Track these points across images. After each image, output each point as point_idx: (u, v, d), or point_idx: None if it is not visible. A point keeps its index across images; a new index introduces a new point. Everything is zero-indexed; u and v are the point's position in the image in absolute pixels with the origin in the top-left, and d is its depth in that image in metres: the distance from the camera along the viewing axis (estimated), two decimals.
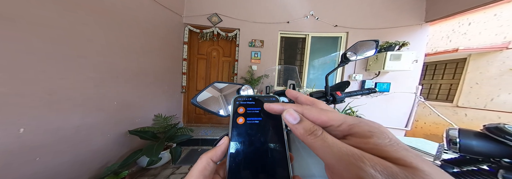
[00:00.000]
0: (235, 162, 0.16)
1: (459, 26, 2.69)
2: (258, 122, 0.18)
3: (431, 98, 3.00)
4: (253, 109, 0.18)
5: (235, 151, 0.16)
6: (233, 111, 0.18)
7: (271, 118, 0.18)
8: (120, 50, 1.41)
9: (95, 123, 1.26)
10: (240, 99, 0.19)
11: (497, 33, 2.27)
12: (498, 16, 2.27)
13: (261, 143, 0.17)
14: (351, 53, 0.54)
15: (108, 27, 1.31)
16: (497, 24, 2.27)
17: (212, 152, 0.16)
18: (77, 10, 1.10)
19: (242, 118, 0.18)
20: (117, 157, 1.46)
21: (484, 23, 2.41)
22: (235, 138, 0.17)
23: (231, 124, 0.17)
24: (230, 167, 0.15)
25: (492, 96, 2.23)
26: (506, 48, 2.17)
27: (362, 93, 0.61)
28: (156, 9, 1.81)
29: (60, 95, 1.04)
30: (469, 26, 2.58)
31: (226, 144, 0.16)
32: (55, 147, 1.04)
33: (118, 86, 1.42)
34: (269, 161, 0.16)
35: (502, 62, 2.20)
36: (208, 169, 0.15)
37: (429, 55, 2.67)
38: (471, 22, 2.55)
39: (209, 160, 0.15)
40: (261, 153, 0.16)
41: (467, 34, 2.60)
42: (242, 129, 0.17)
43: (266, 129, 0.17)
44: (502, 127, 0.34)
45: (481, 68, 2.40)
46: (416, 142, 1.48)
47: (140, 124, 1.68)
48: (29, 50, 0.90)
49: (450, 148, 0.37)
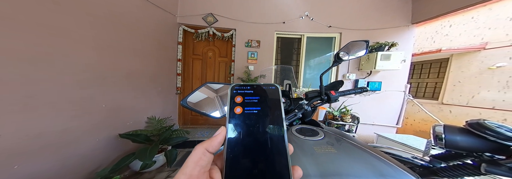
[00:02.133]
0: (233, 153, 0.15)
1: (441, 27, 2.88)
2: (257, 112, 0.17)
3: (419, 96, 3.16)
4: (251, 98, 0.18)
5: (233, 141, 0.16)
6: (230, 101, 0.17)
7: (270, 107, 0.17)
8: (109, 51, 1.36)
9: (82, 127, 1.20)
10: (238, 87, 0.18)
11: (475, 35, 2.45)
12: (475, 18, 2.45)
13: (260, 133, 0.16)
14: (343, 53, 0.56)
15: (96, 26, 1.25)
16: (475, 26, 2.45)
17: (208, 143, 0.15)
18: (62, 6, 1.04)
19: (240, 108, 0.17)
20: (108, 161, 1.40)
21: (463, 25, 2.59)
22: (232, 128, 0.16)
23: (228, 114, 0.17)
24: (227, 157, 0.15)
25: (473, 94, 2.39)
26: (484, 49, 2.34)
27: (355, 92, 0.62)
28: (149, 9, 1.76)
29: (41, 99, 0.98)
30: (450, 28, 2.76)
31: (223, 134, 0.16)
32: (38, 153, 0.97)
33: (106, 88, 1.36)
34: (268, 151, 0.15)
35: (481, 62, 2.37)
36: (204, 159, 0.14)
37: (415, 55, 2.82)
38: (452, 24, 2.73)
39: (204, 150, 0.15)
40: (260, 143, 0.16)
41: (448, 35, 2.78)
42: (240, 119, 0.17)
43: (265, 119, 0.17)
44: (482, 122, 0.35)
45: (462, 67, 2.58)
46: (406, 139, 1.55)
47: (132, 127, 1.61)
48: (6, 50, 0.83)
49: (437, 144, 0.39)
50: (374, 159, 0.36)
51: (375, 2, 2.36)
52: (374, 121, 2.46)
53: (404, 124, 2.94)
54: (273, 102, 0.18)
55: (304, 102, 0.58)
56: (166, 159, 1.49)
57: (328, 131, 0.47)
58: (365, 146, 0.42)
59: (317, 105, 0.64)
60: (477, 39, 2.42)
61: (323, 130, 0.47)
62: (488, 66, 2.26)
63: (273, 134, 0.16)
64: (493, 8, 2.25)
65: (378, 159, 0.36)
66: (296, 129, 0.47)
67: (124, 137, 1.42)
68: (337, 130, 0.52)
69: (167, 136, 1.66)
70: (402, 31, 2.37)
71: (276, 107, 0.17)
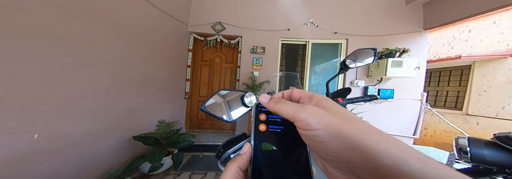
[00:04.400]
0: (258, 170, 0.15)
1: (459, 33, 2.71)
2: (280, 131, 0.17)
3: (439, 106, 2.91)
4: (274, 117, 0.18)
5: (258, 158, 0.16)
6: (255, 118, 0.18)
7: (293, 127, 0.17)
8: (129, 58, 1.48)
9: (102, 129, 1.27)
10: (261, 105, 0.18)
11: (499, 41, 2.26)
12: (498, 23, 2.29)
13: (283, 152, 0.16)
14: (350, 60, 0.55)
15: (121, 36, 1.38)
16: (498, 32, 2.28)
17: (239, 160, 0.16)
18: (91, 20, 1.17)
19: (264, 125, 0.17)
20: (120, 163, 1.45)
21: (484, 31, 2.42)
22: (257, 145, 0.16)
23: (253, 131, 0.17)
24: (253, 175, 0.15)
25: (503, 104, 2.15)
26: (511, 56, 2.14)
27: (363, 100, 0.60)
28: (165, 20, 1.93)
29: (73, 103, 1.08)
30: (469, 33, 2.59)
31: (250, 151, 0.16)
32: (64, 153, 1.04)
33: (126, 93, 1.46)
34: (292, 170, 0.15)
35: (508, 70, 2.16)
36: (239, 177, 0.15)
37: (431, 62, 2.66)
38: (471, 29, 2.57)
39: (238, 169, 0.15)
40: (284, 162, 0.16)
41: (468, 41, 2.60)
42: (264, 136, 0.17)
43: (288, 139, 0.17)
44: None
45: (487, 76, 2.36)
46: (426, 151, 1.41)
47: (144, 130, 1.68)
48: (50, 61, 0.95)
49: (461, 158, 0.36)
50: None
51: (382, 8, 2.33)
52: (387, 131, 2.28)
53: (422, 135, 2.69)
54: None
55: None
56: (172, 162, 1.51)
57: None
58: None
59: None
60: (501, 45, 2.24)
61: None
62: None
63: (297, 154, 0.16)
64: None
65: None
66: None
67: (137, 139, 1.48)
68: None
69: (175, 139, 1.70)
70: (414, 37, 2.28)
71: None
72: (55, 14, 0.95)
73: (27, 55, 0.86)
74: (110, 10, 1.28)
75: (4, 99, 0.80)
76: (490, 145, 0.34)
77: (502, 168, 0.33)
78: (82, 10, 1.09)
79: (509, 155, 0.31)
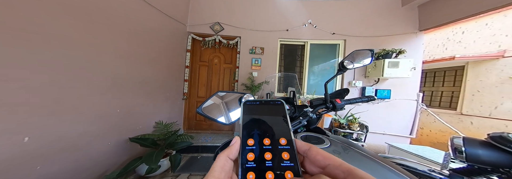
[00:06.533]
0: (247, 160, 0.17)
1: (453, 34, 2.78)
2: (266, 122, 0.19)
3: (434, 106, 2.96)
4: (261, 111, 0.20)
5: (246, 149, 0.17)
6: (243, 114, 0.20)
7: (277, 119, 0.20)
8: (126, 59, 1.45)
9: (97, 131, 1.25)
10: (249, 103, 0.21)
11: (491, 42, 2.32)
12: (490, 25, 2.35)
13: (270, 141, 0.18)
14: (348, 61, 0.56)
15: (117, 36, 1.36)
16: (490, 33, 2.34)
17: (228, 151, 0.17)
18: (89, 20, 1.15)
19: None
20: (116, 165, 1.42)
21: (477, 32, 2.49)
22: (245, 137, 0.18)
23: (241, 125, 0.19)
24: (242, 164, 0.17)
25: (496, 104, 2.20)
26: (502, 57, 2.20)
27: (361, 100, 0.61)
28: (163, 20, 1.91)
29: (66, 104, 1.04)
30: (463, 35, 2.66)
31: (238, 143, 0.18)
32: (57, 156, 1.01)
33: (122, 94, 1.43)
34: (279, 157, 0.17)
35: (500, 70, 2.21)
36: (227, 165, 0.16)
37: (426, 63, 2.71)
38: (464, 30, 2.63)
39: (226, 157, 0.17)
40: (271, 150, 0.17)
41: (462, 42, 2.66)
42: (251, 129, 0.19)
43: (273, 129, 0.19)
44: (506, 136, 0.33)
45: (480, 76, 2.41)
46: (422, 151, 1.43)
47: (141, 131, 1.65)
48: (40, 60, 0.92)
49: (456, 157, 0.36)
50: (385, 170, 0.34)
51: (379, 9, 2.37)
52: (384, 130, 2.32)
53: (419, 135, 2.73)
54: (279, 113, 0.20)
55: (309, 110, 0.56)
56: (170, 164, 1.49)
57: (334, 139, 0.46)
58: (374, 156, 0.40)
59: (322, 112, 0.62)
60: (493, 47, 2.30)
61: (329, 138, 0.46)
62: (509, 75, 2.11)
63: (283, 142, 0.18)
64: (509, 14, 2.15)
65: (390, 171, 0.34)
66: (301, 136, 0.46)
67: (133, 141, 1.45)
68: (344, 139, 0.50)
69: (173, 141, 1.68)
70: (410, 38, 2.32)
71: (282, 118, 0.20)
72: (47, 13, 0.93)
73: (16, 54, 0.83)
74: (105, 10, 1.26)
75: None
76: (485, 145, 0.35)
77: (496, 168, 0.34)
78: (75, 9, 1.06)
79: (503, 155, 0.32)
